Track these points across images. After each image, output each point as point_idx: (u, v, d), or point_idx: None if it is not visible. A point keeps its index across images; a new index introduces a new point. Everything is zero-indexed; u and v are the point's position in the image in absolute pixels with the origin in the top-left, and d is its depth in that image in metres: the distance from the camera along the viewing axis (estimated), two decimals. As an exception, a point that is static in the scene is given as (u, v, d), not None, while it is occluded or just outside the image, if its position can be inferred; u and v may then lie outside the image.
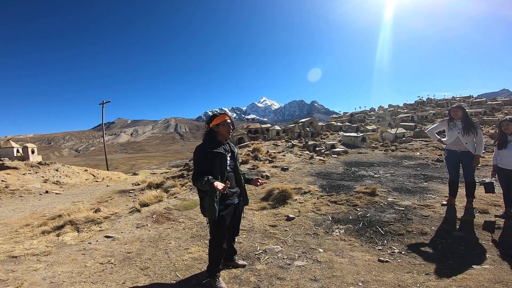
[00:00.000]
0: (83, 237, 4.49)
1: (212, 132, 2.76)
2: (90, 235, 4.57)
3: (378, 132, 16.23)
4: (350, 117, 25.37)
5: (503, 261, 2.94)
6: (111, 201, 8.67)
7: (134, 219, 5.25)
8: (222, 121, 2.73)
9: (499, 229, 3.65)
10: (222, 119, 2.74)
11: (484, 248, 3.25)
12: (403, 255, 3.25)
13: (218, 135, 2.76)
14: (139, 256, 3.62)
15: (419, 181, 6.58)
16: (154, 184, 10.11)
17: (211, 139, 2.74)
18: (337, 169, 8.54)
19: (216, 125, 2.74)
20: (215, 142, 2.73)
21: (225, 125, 2.74)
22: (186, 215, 5.28)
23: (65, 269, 3.32)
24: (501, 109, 23.60)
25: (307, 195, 5.87)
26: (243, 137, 16.09)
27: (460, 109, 4.43)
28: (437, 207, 4.57)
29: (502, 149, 3.99)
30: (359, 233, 3.89)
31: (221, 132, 2.75)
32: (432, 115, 23.13)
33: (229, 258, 3.12)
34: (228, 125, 2.76)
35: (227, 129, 2.75)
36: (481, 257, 3.06)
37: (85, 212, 5.73)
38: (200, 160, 2.63)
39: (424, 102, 33.04)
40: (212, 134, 2.76)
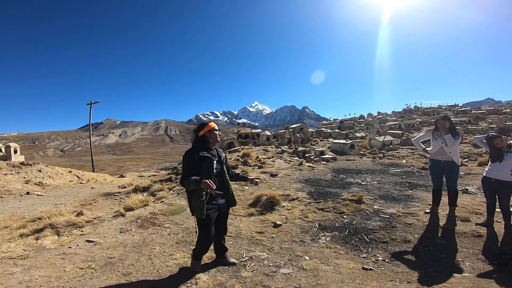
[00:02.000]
0: (63, 241, 4.36)
1: (203, 138, 3.02)
2: (70, 239, 4.44)
3: (366, 139, 16.48)
4: (340, 124, 25.72)
5: (483, 269, 3.02)
6: (95, 204, 8.47)
7: (118, 223, 5.13)
8: (212, 128, 3.04)
9: (480, 238, 3.74)
10: (212, 126, 3.05)
11: (465, 256, 3.33)
12: (387, 263, 3.29)
13: (209, 141, 3.03)
14: (122, 261, 3.54)
15: (404, 188, 6.71)
16: (141, 188, 9.94)
17: (201, 144, 3.00)
18: (326, 176, 8.61)
19: (208, 131, 3.02)
20: (204, 147, 2.99)
21: (216, 132, 3.06)
22: (172, 221, 5.20)
23: (42, 273, 3.20)
24: (485, 118, 24.41)
25: (295, 201, 5.89)
26: (233, 142, 16.06)
27: (447, 120, 4.54)
28: (421, 215, 4.66)
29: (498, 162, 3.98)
30: (344, 241, 3.92)
31: (212, 138, 3.04)
32: (418, 123, 23.69)
33: (221, 255, 3.37)
34: (218, 131, 3.09)
35: (217, 135, 3.07)
36: (462, 265, 3.13)
37: (66, 215, 5.56)
38: (188, 163, 2.90)
39: (411, 110, 33.83)
40: (203, 140, 3.02)
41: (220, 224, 3.21)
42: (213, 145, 3.10)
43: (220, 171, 3.09)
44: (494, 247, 3.49)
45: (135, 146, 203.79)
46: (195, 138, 3.05)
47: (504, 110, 28.48)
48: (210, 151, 3.02)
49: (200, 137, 3.02)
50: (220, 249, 3.35)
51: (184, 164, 2.94)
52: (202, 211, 2.83)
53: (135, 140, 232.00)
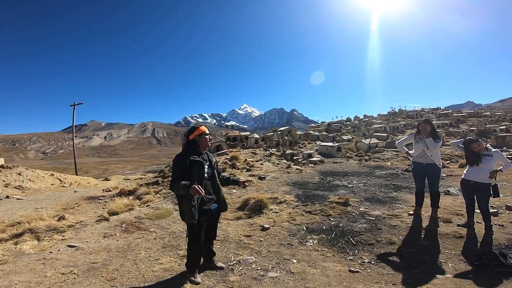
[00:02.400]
0: (43, 246, 4.21)
1: (194, 142, 2.99)
2: (51, 244, 4.30)
3: (353, 142, 16.77)
4: (328, 127, 26.04)
5: (465, 270, 3.10)
6: (78, 208, 8.22)
7: (102, 228, 5.00)
8: (203, 132, 3.01)
9: (461, 239, 3.86)
10: (203, 130, 3.02)
11: (447, 257, 3.42)
12: (373, 265, 3.34)
13: (199, 145, 3.01)
14: (106, 266, 3.45)
15: (389, 191, 6.85)
16: (126, 191, 9.72)
17: (191, 148, 2.97)
18: (313, 179, 8.69)
19: (199, 135, 2.99)
20: (195, 151, 2.97)
21: (206, 135, 3.02)
22: (158, 225, 5.11)
23: (22, 278, 3.09)
24: (465, 121, 25.31)
25: (282, 205, 5.91)
26: (222, 145, 15.98)
27: (428, 123, 4.67)
28: (405, 216, 4.77)
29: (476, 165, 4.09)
30: (331, 243, 3.96)
31: (203, 142, 3.01)
32: (403, 126, 24.29)
33: (209, 260, 3.33)
34: (208, 135, 3.06)
35: (208, 140, 3.04)
36: (444, 267, 3.21)
37: (47, 220, 5.37)
38: (179, 167, 2.86)
39: (396, 113, 34.65)
40: (193, 144, 2.99)
41: (210, 229, 3.18)
42: (204, 149, 3.07)
43: (211, 176, 3.07)
44: (475, 248, 3.61)
45: (121, 149, 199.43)
46: (186, 141, 3.01)
47: (484, 113, 29.65)
48: (201, 155, 2.99)
49: (190, 140, 2.98)
50: (208, 253, 3.32)
51: (174, 168, 2.90)
52: (194, 216, 2.78)
53: (121, 142, 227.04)
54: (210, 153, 3.19)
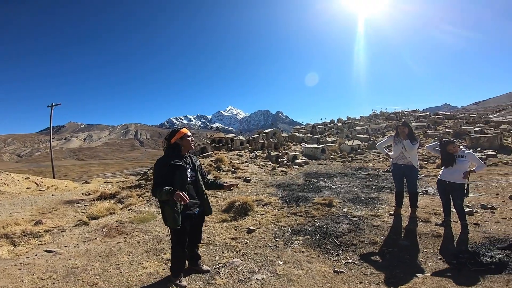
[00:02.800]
0: (19, 251, 4.04)
1: (175, 145, 2.91)
2: (28, 249, 4.13)
3: (336, 143, 17.09)
4: (312, 129, 26.42)
5: (444, 269, 3.22)
6: (55, 212, 7.88)
7: (81, 232, 4.84)
8: (185, 134, 2.93)
9: (439, 238, 4.01)
10: (185, 132, 2.95)
11: (427, 256, 3.54)
12: (356, 265, 3.42)
13: (181, 149, 2.93)
14: (86, 271, 3.34)
15: (371, 191, 7.04)
16: (107, 194, 9.42)
17: (173, 152, 2.90)
18: (298, 180, 8.78)
19: (180, 138, 2.91)
20: (177, 155, 2.89)
21: (188, 138, 2.94)
22: (141, 229, 5.00)
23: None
24: (442, 123, 26.42)
25: (268, 206, 5.93)
26: (206, 147, 15.84)
27: (406, 126, 4.85)
28: (386, 216, 4.91)
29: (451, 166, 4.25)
30: (316, 244, 4.02)
31: (185, 145, 2.94)
32: (384, 128, 25.04)
33: (194, 263, 3.30)
34: (191, 137, 2.98)
35: (190, 142, 2.96)
36: (424, 266, 3.32)
37: (23, 225, 5.13)
38: (160, 171, 2.78)
39: (377, 115, 35.67)
40: (175, 147, 2.91)
41: (194, 233, 3.13)
42: (186, 152, 2.99)
43: (194, 179, 2.99)
44: (452, 247, 3.75)
45: (102, 151, 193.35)
46: (167, 145, 2.92)
47: (459, 115, 31.08)
48: (184, 158, 2.92)
49: (172, 144, 2.90)
50: (193, 257, 3.27)
51: (155, 173, 2.83)
52: (177, 221, 2.71)
53: (101, 144, 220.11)
54: (193, 156, 3.13)
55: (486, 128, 20.37)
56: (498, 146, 13.96)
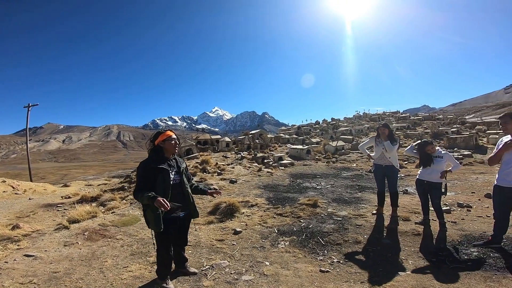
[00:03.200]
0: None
1: (158, 148, 2.86)
2: (6, 254, 3.96)
3: (321, 144, 17.37)
4: (297, 130, 26.73)
5: (424, 267, 3.33)
6: (34, 216, 7.57)
7: (62, 236, 4.69)
8: (168, 137, 2.86)
9: (419, 236, 4.16)
10: (168, 134, 2.87)
11: (408, 254, 3.66)
12: (341, 264, 3.49)
13: (164, 151, 2.87)
14: (69, 275, 3.25)
15: (355, 191, 7.21)
16: (88, 197, 9.15)
17: (156, 155, 2.85)
18: (284, 181, 8.86)
19: (162, 141, 2.85)
20: (160, 158, 2.84)
21: (171, 141, 2.87)
22: (125, 232, 4.90)
23: (-24, 291, 2.81)
24: (421, 124, 27.43)
25: (254, 208, 5.95)
26: (192, 148, 15.69)
27: (386, 127, 5.00)
28: (369, 216, 5.05)
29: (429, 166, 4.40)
30: (302, 245, 4.07)
31: (168, 148, 2.87)
32: (367, 128, 25.69)
33: (181, 266, 3.27)
34: (174, 140, 2.90)
35: (173, 145, 2.89)
36: (405, 264, 3.43)
37: (0, 229, 4.92)
38: (143, 175, 2.74)
39: (360, 116, 36.56)
40: (158, 150, 2.86)
41: (180, 236, 3.09)
42: (171, 154, 2.93)
43: (179, 182, 2.93)
44: (431, 245, 3.90)
45: (82, 153, 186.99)
46: (152, 147, 2.87)
47: (437, 116, 32.37)
48: (168, 161, 2.87)
49: (156, 146, 2.85)
50: (180, 259, 3.24)
51: (138, 176, 2.78)
52: (159, 225, 2.67)
53: (81, 146, 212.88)
54: (179, 159, 3.07)
55: (462, 128, 21.33)
56: (473, 146, 14.64)
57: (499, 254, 3.43)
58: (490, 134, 16.58)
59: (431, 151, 4.43)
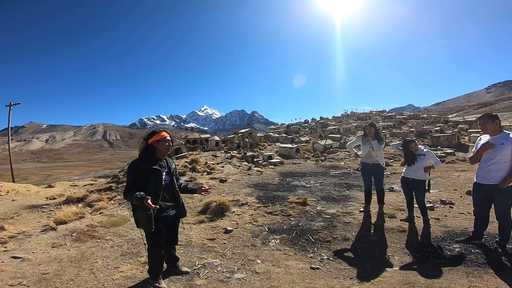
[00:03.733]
0: (-17, 258, 3.76)
1: (151, 148, 2.83)
2: (-7, 256, 3.86)
3: (310, 143, 17.57)
4: (287, 129, 26.90)
5: (409, 262, 3.46)
6: (18, 218, 7.37)
7: (49, 238, 4.61)
8: (162, 138, 2.82)
9: (404, 232, 4.31)
10: (163, 136, 2.83)
11: (394, 250, 3.79)
12: (331, 261, 3.58)
13: (157, 151, 2.84)
14: (58, 277, 3.22)
15: (343, 189, 7.36)
16: (74, 198, 8.95)
17: (148, 155, 2.82)
18: (273, 180, 8.94)
19: (156, 141, 2.81)
20: (152, 158, 2.81)
21: (165, 142, 2.84)
22: (115, 232, 4.85)
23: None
24: (406, 123, 28.10)
25: (244, 207, 6.00)
26: (181, 148, 15.56)
27: (372, 127, 5.13)
28: (356, 213, 5.18)
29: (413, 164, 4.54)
30: (292, 242, 4.15)
31: (160, 149, 2.84)
32: (354, 127, 26.12)
33: (173, 265, 3.28)
34: (168, 142, 2.86)
35: (167, 146, 2.86)
36: (392, 260, 3.54)
37: (-16, 232, 4.78)
38: (134, 175, 2.72)
39: (348, 115, 37.12)
40: (150, 150, 2.83)
41: (170, 235, 3.10)
42: (162, 155, 2.91)
43: (169, 183, 2.94)
44: (416, 241, 4.04)
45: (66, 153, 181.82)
46: (144, 145, 2.85)
47: (422, 115, 33.23)
48: (159, 162, 2.84)
49: (148, 146, 2.82)
50: (171, 259, 3.26)
51: (128, 176, 2.75)
52: (150, 225, 2.67)
53: (65, 145, 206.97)
54: (169, 159, 3.06)
55: (446, 127, 22.01)
56: (456, 145, 15.15)
57: (480, 250, 3.58)
58: (472, 133, 17.17)
59: (414, 149, 4.58)
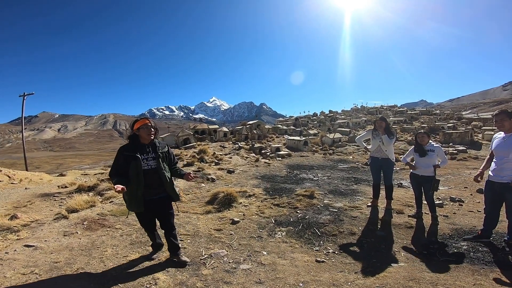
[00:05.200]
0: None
1: (134, 136, 3.03)
2: (6, 245, 3.99)
3: (318, 136, 17.45)
4: (295, 121, 26.73)
5: (415, 259, 3.43)
6: (31, 206, 7.59)
7: (61, 226, 4.73)
8: (143, 124, 3.00)
9: (412, 229, 4.27)
10: (143, 122, 3.01)
11: (400, 246, 3.77)
12: (337, 254, 3.59)
13: (140, 138, 3.03)
14: (69, 265, 3.30)
15: (350, 183, 7.31)
16: (85, 187, 9.15)
17: (131, 142, 3.03)
18: (281, 172, 8.94)
19: (137, 128, 3.00)
20: (134, 145, 3.00)
21: (145, 128, 2.99)
22: (124, 221, 4.94)
23: (-21, 280, 2.86)
24: (418, 118, 27.57)
25: (251, 198, 6.03)
26: (189, 138, 15.67)
27: (383, 121, 5.05)
28: (364, 208, 5.15)
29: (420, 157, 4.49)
30: (299, 235, 4.17)
31: (142, 135, 3.01)
32: (364, 121, 25.79)
33: (173, 254, 3.35)
34: (148, 128, 3.00)
35: (147, 132, 3.00)
36: (398, 256, 3.53)
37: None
38: (117, 160, 2.99)
39: (358, 109, 36.63)
40: (134, 137, 3.03)
41: (161, 219, 3.25)
42: (147, 141, 3.05)
43: (155, 168, 3.04)
44: (423, 237, 4.01)
45: (78, 142, 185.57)
46: (130, 134, 3.05)
47: (434, 111, 32.51)
48: (143, 148, 3.01)
49: (132, 134, 3.04)
50: (170, 247, 3.33)
51: (114, 160, 3.01)
52: (131, 206, 3.00)
53: (77, 135, 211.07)
54: (161, 143, 3.20)
55: (459, 124, 21.48)
56: (468, 142, 14.78)
57: (487, 248, 3.53)
58: (485, 130, 16.72)
59: (420, 140, 4.50)
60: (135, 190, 2.93)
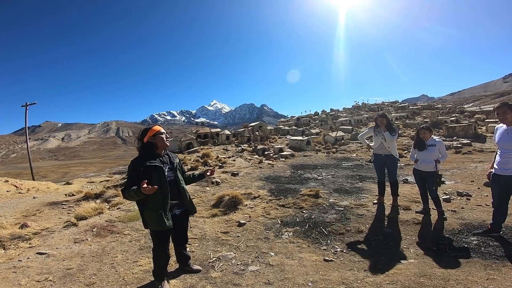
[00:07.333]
0: (10, 255, 3.99)
1: (149, 145, 2.74)
2: (19, 253, 4.09)
3: (321, 135, 17.45)
4: (297, 121, 26.75)
5: (425, 255, 3.41)
6: (40, 214, 7.69)
7: (71, 233, 4.80)
8: (157, 132, 2.75)
9: (420, 225, 4.25)
10: (158, 129, 2.78)
11: (409, 243, 3.75)
12: (344, 253, 3.60)
13: (156, 147, 2.76)
14: (82, 272, 3.36)
15: (355, 181, 7.31)
16: (92, 194, 9.26)
17: (147, 152, 2.73)
18: (285, 173, 8.96)
19: (153, 136, 2.73)
20: (151, 154, 2.72)
21: (161, 135, 2.76)
22: (132, 227, 5.00)
23: (-4, 289, 2.93)
24: (420, 113, 27.45)
25: (257, 200, 6.05)
26: (192, 142, 15.74)
27: (384, 117, 5.05)
28: (370, 205, 5.15)
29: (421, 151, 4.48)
30: (306, 235, 4.18)
31: (159, 143, 2.75)
32: (365, 118, 25.74)
33: (184, 264, 3.25)
34: (164, 134, 2.80)
35: (164, 139, 2.78)
36: (407, 252, 3.52)
37: (9, 228, 5.03)
38: (133, 174, 2.61)
39: (359, 106, 36.56)
40: (149, 147, 2.74)
41: (179, 234, 3.04)
42: (162, 150, 2.82)
43: (173, 179, 2.83)
44: (432, 233, 3.98)
45: (82, 150, 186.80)
46: (141, 145, 2.75)
47: (436, 106, 32.34)
48: (160, 157, 2.75)
49: (145, 144, 2.73)
50: (182, 258, 3.23)
51: (128, 174, 2.66)
52: (160, 224, 2.62)
53: (81, 143, 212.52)
54: (172, 154, 2.97)
55: (461, 117, 21.37)
56: (472, 135, 14.70)
57: (498, 243, 3.50)
58: (489, 123, 16.62)
59: (422, 135, 4.50)
60: (160, 204, 2.63)
